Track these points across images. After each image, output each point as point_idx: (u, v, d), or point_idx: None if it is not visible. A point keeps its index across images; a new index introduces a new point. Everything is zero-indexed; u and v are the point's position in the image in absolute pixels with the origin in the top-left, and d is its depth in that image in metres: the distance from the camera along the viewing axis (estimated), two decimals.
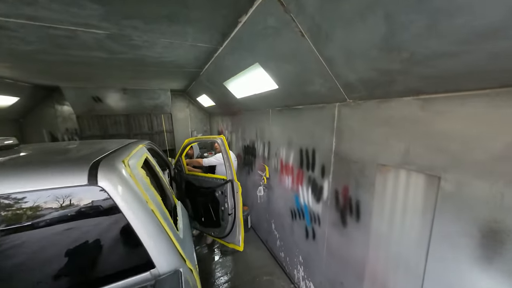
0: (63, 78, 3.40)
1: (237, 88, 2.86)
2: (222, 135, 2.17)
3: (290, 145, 2.32)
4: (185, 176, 2.69)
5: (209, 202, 2.47)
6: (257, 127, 3.16)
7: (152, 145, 2.10)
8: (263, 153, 3.00)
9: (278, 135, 2.57)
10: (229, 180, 2.21)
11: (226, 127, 4.86)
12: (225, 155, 2.13)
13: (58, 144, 1.94)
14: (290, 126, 2.30)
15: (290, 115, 2.28)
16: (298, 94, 1.89)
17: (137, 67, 2.77)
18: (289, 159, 2.36)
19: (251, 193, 3.58)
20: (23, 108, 4.58)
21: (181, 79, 3.91)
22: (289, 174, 2.38)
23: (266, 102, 2.58)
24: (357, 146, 1.47)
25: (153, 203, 1.00)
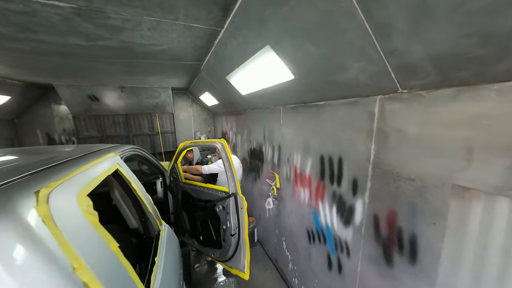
0: (50, 74, 3.07)
1: (241, 83, 2.44)
2: (222, 139, 1.77)
3: (307, 151, 1.87)
4: (181, 186, 2.29)
5: (208, 218, 2.06)
6: (265, 128, 2.72)
7: (137, 151, 1.70)
8: (272, 159, 2.57)
9: (291, 138, 2.12)
10: (232, 194, 1.79)
11: (231, 128, 4.45)
12: (226, 163, 1.71)
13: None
14: (307, 128, 1.86)
15: (307, 113, 1.84)
16: (321, 85, 1.45)
17: (127, 59, 2.39)
18: (305, 167, 1.92)
19: (258, 203, 3.15)
20: (17, 108, 4.32)
21: (181, 75, 3.53)
22: (305, 186, 1.94)
23: (277, 98, 2.15)
24: (413, 156, 1.02)
25: (100, 263, 0.60)
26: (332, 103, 1.53)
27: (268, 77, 1.85)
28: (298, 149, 2.01)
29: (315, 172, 1.78)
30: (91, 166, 0.88)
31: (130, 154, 1.53)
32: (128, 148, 1.56)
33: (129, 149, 1.55)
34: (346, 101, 1.40)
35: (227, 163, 1.71)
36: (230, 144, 4.53)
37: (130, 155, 1.54)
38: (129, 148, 1.55)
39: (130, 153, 1.53)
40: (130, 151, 1.56)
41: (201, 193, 2.09)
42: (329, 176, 1.62)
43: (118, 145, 1.49)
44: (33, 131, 4.73)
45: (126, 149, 1.44)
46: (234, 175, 1.74)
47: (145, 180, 2.26)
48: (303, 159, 1.94)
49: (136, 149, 1.69)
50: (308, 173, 1.88)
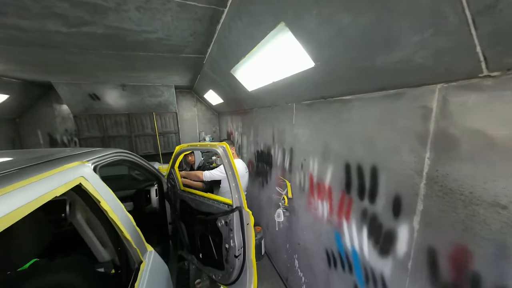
0: (43, 70, 2.87)
1: (248, 77, 2.13)
2: (224, 142, 1.46)
3: (327, 156, 1.54)
4: (179, 193, 2.00)
5: (209, 233, 1.76)
6: (274, 129, 2.41)
7: (124, 155, 1.42)
8: (282, 163, 2.24)
9: (305, 140, 1.80)
10: (237, 208, 1.48)
11: (236, 128, 4.15)
12: (229, 171, 1.41)
13: None
14: (327, 128, 1.53)
15: (327, 111, 1.51)
16: (350, 73, 1.11)
17: (120, 51, 2.13)
18: (324, 176, 1.59)
19: (266, 210, 2.83)
20: (17, 107, 4.19)
21: (183, 71, 3.26)
22: (324, 198, 1.60)
23: (289, 93, 1.82)
24: (505, 172, 0.68)
25: None
26: (364, 97, 1.19)
27: (280, 67, 1.53)
28: (314, 154, 1.68)
29: (337, 183, 1.45)
30: (28, 184, 0.59)
31: (112, 160, 1.25)
32: (111, 153, 1.28)
33: (113, 153, 1.27)
34: (385, 94, 1.06)
35: (230, 171, 1.40)
36: (235, 145, 4.24)
37: (113, 161, 1.26)
38: (112, 152, 1.27)
39: (114, 159, 1.25)
40: (114, 156, 1.28)
41: (200, 204, 1.80)
42: (357, 189, 1.28)
43: (96, 150, 1.21)
44: (34, 131, 4.60)
45: (105, 155, 1.16)
46: (239, 186, 1.43)
47: (138, 188, 1.99)
48: (322, 165, 1.61)
49: (122, 154, 1.41)
50: (328, 183, 1.54)
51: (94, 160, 1.02)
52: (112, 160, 1.23)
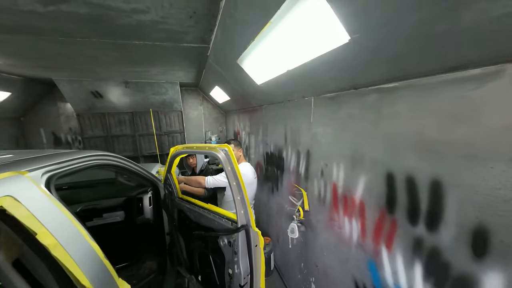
0: (38, 65, 2.68)
1: (256, 67, 1.82)
2: (226, 145, 1.15)
3: (358, 162, 1.20)
4: (177, 202, 1.72)
5: (209, 252, 1.47)
6: (286, 128, 2.08)
7: (106, 159, 1.14)
8: (296, 168, 1.92)
9: (328, 141, 1.46)
10: (242, 227, 1.17)
11: (243, 128, 3.85)
12: (234, 181, 1.10)
13: None
14: (359, 126, 1.19)
15: (359, 104, 1.17)
16: (412, 44, 0.77)
17: (112, 39, 1.87)
18: (353, 187, 1.25)
19: (276, 220, 2.51)
20: (21, 105, 4.09)
21: (187, 65, 3.00)
22: (353, 216, 1.27)
23: (308, 84, 1.50)
24: None
25: None
26: (421, 82, 0.85)
27: (298, 50, 1.21)
28: (340, 159, 1.35)
29: (373, 197, 1.11)
30: None
31: (85, 166, 0.98)
32: (84, 157, 1.00)
33: (87, 158, 1.00)
34: (464, 75, 0.71)
35: (235, 181, 1.09)
36: (242, 146, 3.94)
37: (87, 167, 0.99)
38: (86, 156, 1.00)
39: (87, 164, 0.98)
40: (89, 161, 1.01)
41: (200, 217, 1.51)
42: (406, 209, 0.94)
43: (61, 153, 0.94)
44: (38, 130, 4.51)
45: (73, 159, 0.89)
46: (246, 199, 1.12)
47: (128, 195, 1.72)
48: (350, 173, 1.27)
49: (103, 158, 1.13)
50: (359, 196, 1.20)
51: (49, 168, 0.75)
52: (85, 166, 0.95)
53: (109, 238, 1.78)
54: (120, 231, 1.70)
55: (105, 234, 1.74)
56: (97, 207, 1.54)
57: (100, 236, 1.78)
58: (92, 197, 1.66)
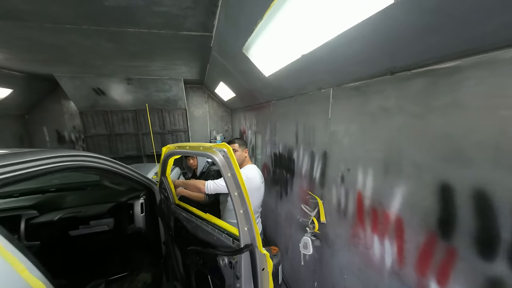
0: (33, 58, 2.56)
1: (264, 56, 1.58)
2: (225, 144, 0.90)
3: (395, 167, 0.94)
4: (173, 209, 1.51)
5: (208, 271, 1.24)
6: (298, 125, 1.83)
7: (79, 162, 0.94)
8: (309, 172, 1.67)
9: (351, 140, 1.20)
10: (246, 247, 0.94)
11: (250, 126, 3.63)
12: (236, 190, 0.86)
13: None
14: (396, 121, 0.93)
15: (399, 92, 0.91)
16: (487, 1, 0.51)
17: (103, 26, 1.69)
18: (386, 198, 0.99)
19: (285, 229, 2.27)
20: (24, 103, 4.04)
21: (189, 59, 2.80)
22: (386, 234, 1.01)
23: (326, 71, 1.24)
24: None
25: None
26: (502, 56, 0.58)
27: (315, 26, 0.96)
28: (368, 162, 1.09)
29: (418, 214, 0.85)
30: None
31: (53, 169, 0.78)
32: (54, 157, 0.80)
33: (55, 158, 0.79)
34: None
35: (237, 190, 0.86)
36: (248, 146, 3.72)
37: (55, 169, 0.79)
38: (50, 157, 0.79)
39: (46, 168, 0.77)
40: (60, 163, 0.81)
41: (197, 228, 1.29)
42: (475, 235, 0.67)
43: (23, 152, 0.73)
44: (42, 127, 4.47)
45: (33, 162, 0.69)
46: (250, 213, 0.89)
47: (118, 201, 1.53)
48: (382, 181, 1.01)
49: (77, 159, 0.93)
50: (396, 211, 0.94)
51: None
52: (45, 171, 0.75)
53: (98, 248, 1.59)
54: (109, 240, 1.52)
55: (92, 244, 1.56)
56: (78, 216, 1.36)
57: (87, 246, 1.62)
58: (78, 203, 1.48)
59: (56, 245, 1.37)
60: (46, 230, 1.30)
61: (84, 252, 1.51)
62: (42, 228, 1.29)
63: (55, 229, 1.32)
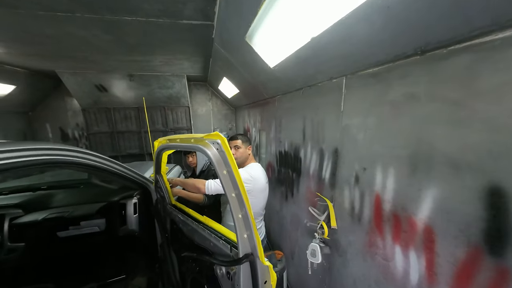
0: (31, 52, 2.50)
1: (269, 43, 1.45)
2: (218, 134, 0.77)
3: (422, 166, 0.79)
4: (168, 210, 1.40)
5: (204, 280, 1.12)
6: (305, 121, 1.69)
7: (56, 157, 0.83)
8: (318, 172, 1.52)
9: (368, 136, 1.06)
10: (246, 257, 0.80)
11: (254, 124, 3.50)
12: (233, 191, 0.73)
13: None
14: (422, 112, 0.78)
15: (425, 78, 0.76)
16: None
17: (98, 13, 1.59)
18: (412, 203, 0.84)
19: (290, 232, 2.13)
20: (27, 100, 4.04)
21: (191, 53, 2.70)
22: (411, 246, 0.86)
23: (337, 56, 1.10)
24: None
25: None
26: None
27: (327, 1, 0.83)
28: (388, 160, 0.94)
29: (455, 223, 0.70)
30: None
31: (16, 164, 0.67)
32: (25, 150, 0.69)
33: (15, 152, 0.68)
34: None
35: (234, 191, 0.73)
36: (252, 144, 3.59)
37: (24, 164, 0.68)
38: (15, 151, 0.68)
39: (28, 161, 0.67)
40: (32, 157, 0.70)
41: (193, 232, 1.17)
42: None
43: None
44: (45, 125, 4.47)
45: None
46: (251, 218, 0.76)
47: (109, 201, 1.42)
48: (406, 182, 0.86)
49: (54, 153, 0.82)
50: (425, 218, 0.79)
51: None
52: (8, 166, 0.64)
53: (89, 251, 1.50)
54: (101, 243, 1.42)
55: (83, 247, 1.46)
56: (65, 216, 1.26)
57: (77, 248, 1.52)
58: (67, 202, 1.39)
59: (42, 247, 1.28)
60: (31, 231, 1.21)
61: (74, 255, 1.41)
62: (27, 228, 1.21)
63: (41, 230, 1.23)
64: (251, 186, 1.45)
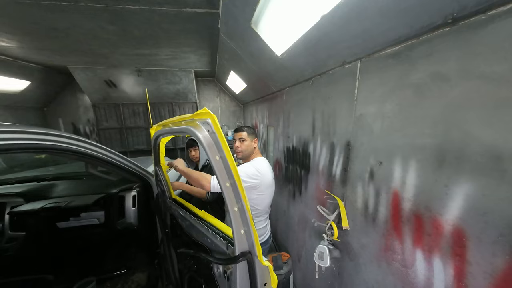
0: (39, 45, 2.58)
1: (275, 28, 1.37)
2: (207, 111, 0.70)
3: (450, 158, 0.68)
4: (168, 204, 1.36)
5: (202, 280, 1.07)
6: (314, 113, 1.60)
7: (44, 142, 0.80)
8: (328, 167, 1.42)
9: (385, 126, 0.95)
10: (243, 255, 0.74)
11: (261, 120, 3.43)
12: (227, 181, 0.66)
13: None
14: (452, 94, 0.67)
15: (458, 52, 0.65)
16: None
17: (101, 2, 1.59)
18: (438, 202, 0.73)
19: (297, 233, 2.04)
20: (42, 95, 4.23)
21: (196, 44, 2.67)
22: (436, 251, 0.75)
23: (351, 36, 1.00)
24: None
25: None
26: None
27: None
28: (409, 152, 0.83)
29: (494, 227, 0.59)
30: None
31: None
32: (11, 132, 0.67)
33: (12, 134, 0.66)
34: None
35: (229, 181, 0.66)
36: (260, 141, 3.52)
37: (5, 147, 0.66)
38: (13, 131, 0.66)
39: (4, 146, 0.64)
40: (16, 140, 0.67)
41: (191, 228, 1.12)
42: None
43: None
44: (58, 120, 4.67)
45: None
46: (247, 211, 0.69)
47: (107, 192, 1.41)
48: (430, 177, 0.75)
49: (44, 138, 0.79)
50: (454, 219, 0.68)
51: None
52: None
53: (88, 243, 1.50)
54: (100, 235, 1.41)
55: (82, 239, 1.47)
56: (62, 206, 1.26)
57: (77, 240, 1.53)
58: (67, 193, 1.40)
59: (42, 238, 1.29)
60: (31, 221, 1.22)
61: (73, 247, 1.42)
62: (27, 218, 1.22)
63: (41, 220, 1.24)
64: (259, 181, 1.37)
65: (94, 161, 1.06)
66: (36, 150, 0.76)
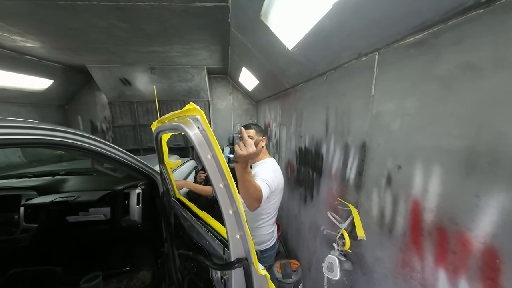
0: (59, 46, 2.78)
1: (285, 19, 1.33)
2: (194, 107, 0.67)
3: (482, 164, 0.60)
4: (172, 204, 1.39)
5: (201, 283, 1.07)
6: (328, 111, 1.53)
7: (53, 138, 0.85)
8: (342, 171, 1.35)
9: (404, 125, 0.87)
10: (238, 261, 0.71)
11: (274, 118, 3.39)
12: (221, 181, 0.65)
13: None
14: (490, 86, 0.58)
15: (492, 38, 0.57)
16: None
17: (112, 0, 1.66)
18: (465, 215, 0.65)
19: (308, 240, 1.98)
20: (63, 93, 4.58)
21: (207, 40, 2.71)
22: (463, 272, 0.66)
23: (368, 24, 0.93)
24: None
25: None
26: None
27: None
28: (433, 155, 0.75)
29: None
30: None
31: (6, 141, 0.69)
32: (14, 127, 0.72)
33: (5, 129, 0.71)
34: None
35: (222, 182, 0.65)
36: (272, 141, 3.48)
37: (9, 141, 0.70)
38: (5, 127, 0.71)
39: (8, 140, 0.69)
40: (11, 136, 0.72)
41: (192, 229, 1.12)
42: None
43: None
44: (77, 117, 5.02)
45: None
46: (242, 215, 0.67)
47: (113, 189, 1.47)
48: (457, 185, 0.67)
49: (49, 134, 0.84)
50: (486, 236, 0.60)
51: None
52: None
53: (95, 238, 1.58)
54: (107, 231, 1.48)
55: (90, 234, 1.55)
56: (70, 201, 1.34)
57: (84, 235, 1.62)
58: (76, 188, 1.48)
59: (53, 230, 1.38)
60: (43, 213, 1.32)
61: (81, 242, 1.51)
62: (39, 211, 1.31)
63: (51, 213, 1.33)
64: (275, 185, 1.34)
65: (98, 158, 1.11)
66: (43, 146, 0.81)
